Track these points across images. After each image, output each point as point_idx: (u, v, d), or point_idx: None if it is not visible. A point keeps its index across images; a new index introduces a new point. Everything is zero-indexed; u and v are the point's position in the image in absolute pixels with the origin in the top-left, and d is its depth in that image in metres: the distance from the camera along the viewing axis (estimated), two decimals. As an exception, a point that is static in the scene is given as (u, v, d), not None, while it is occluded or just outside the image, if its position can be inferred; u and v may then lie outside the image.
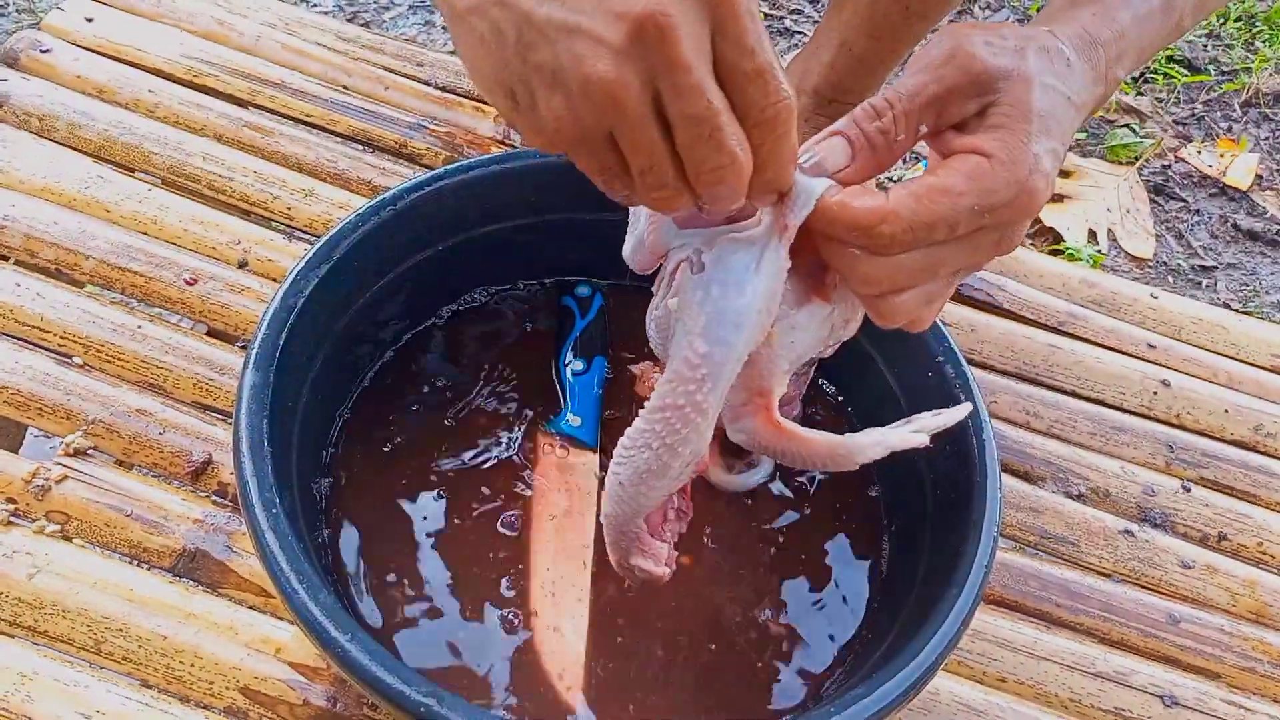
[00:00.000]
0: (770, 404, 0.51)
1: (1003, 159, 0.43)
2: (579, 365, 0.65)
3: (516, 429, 0.63)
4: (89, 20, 0.84)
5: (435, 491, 0.60)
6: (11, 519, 0.60)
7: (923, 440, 0.51)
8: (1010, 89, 0.44)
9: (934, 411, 0.53)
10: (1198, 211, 1.50)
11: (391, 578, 0.57)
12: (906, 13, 0.81)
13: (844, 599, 0.60)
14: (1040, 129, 0.44)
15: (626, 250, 0.56)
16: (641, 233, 0.54)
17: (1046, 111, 0.45)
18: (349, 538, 0.58)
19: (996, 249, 0.45)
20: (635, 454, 0.48)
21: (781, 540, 0.62)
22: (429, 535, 0.59)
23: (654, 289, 0.56)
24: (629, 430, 0.48)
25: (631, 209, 0.55)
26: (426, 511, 0.59)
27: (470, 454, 0.62)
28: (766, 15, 1.63)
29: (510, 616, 0.56)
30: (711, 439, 0.62)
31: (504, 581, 0.57)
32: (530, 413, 0.64)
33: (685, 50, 0.38)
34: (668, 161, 0.41)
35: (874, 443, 0.51)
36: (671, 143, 0.40)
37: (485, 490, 0.60)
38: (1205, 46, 1.72)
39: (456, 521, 0.59)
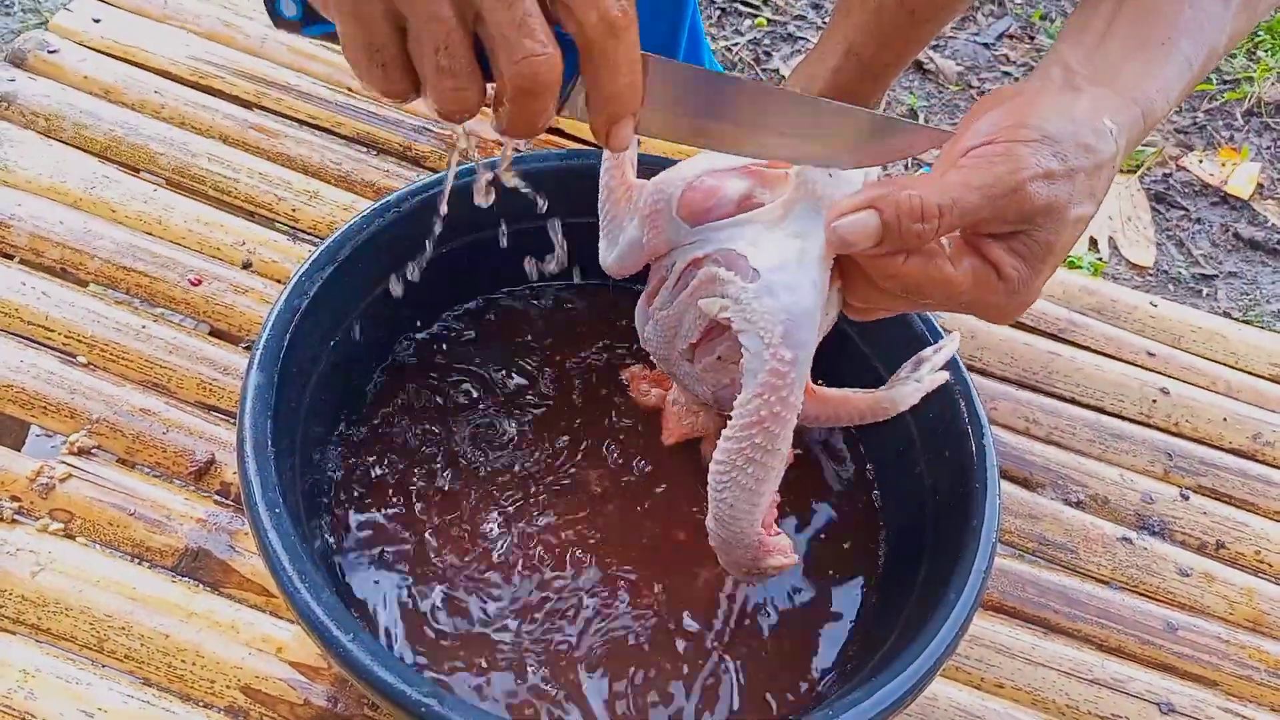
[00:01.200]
0: (807, 378, 0.52)
1: (1012, 285, 0.46)
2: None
3: (518, 427, 0.63)
4: (96, 21, 0.85)
5: (438, 491, 0.60)
6: (15, 517, 0.60)
7: (945, 375, 0.56)
8: (1046, 224, 0.46)
9: (932, 348, 0.57)
10: (1199, 220, 1.50)
11: (394, 577, 0.57)
12: (913, 18, 0.81)
13: (843, 603, 0.60)
14: (1054, 264, 0.47)
15: (610, 257, 0.57)
16: (635, 236, 0.54)
17: (1066, 244, 0.47)
18: (352, 535, 0.58)
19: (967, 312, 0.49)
20: (739, 472, 0.49)
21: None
22: (432, 534, 0.59)
23: (648, 288, 0.57)
24: (723, 450, 0.49)
25: (603, 213, 0.57)
26: (430, 511, 0.60)
27: (472, 453, 0.62)
28: (769, 21, 1.63)
29: (514, 615, 0.56)
30: (703, 427, 0.63)
31: (507, 580, 0.58)
32: (532, 411, 0.64)
33: None
34: (464, 44, 0.37)
35: (912, 390, 0.55)
36: (469, 31, 0.37)
37: (488, 489, 0.61)
38: (1207, 55, 1.73)
39: (459, 519, 0.59)
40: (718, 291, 0.50)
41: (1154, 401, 0.81)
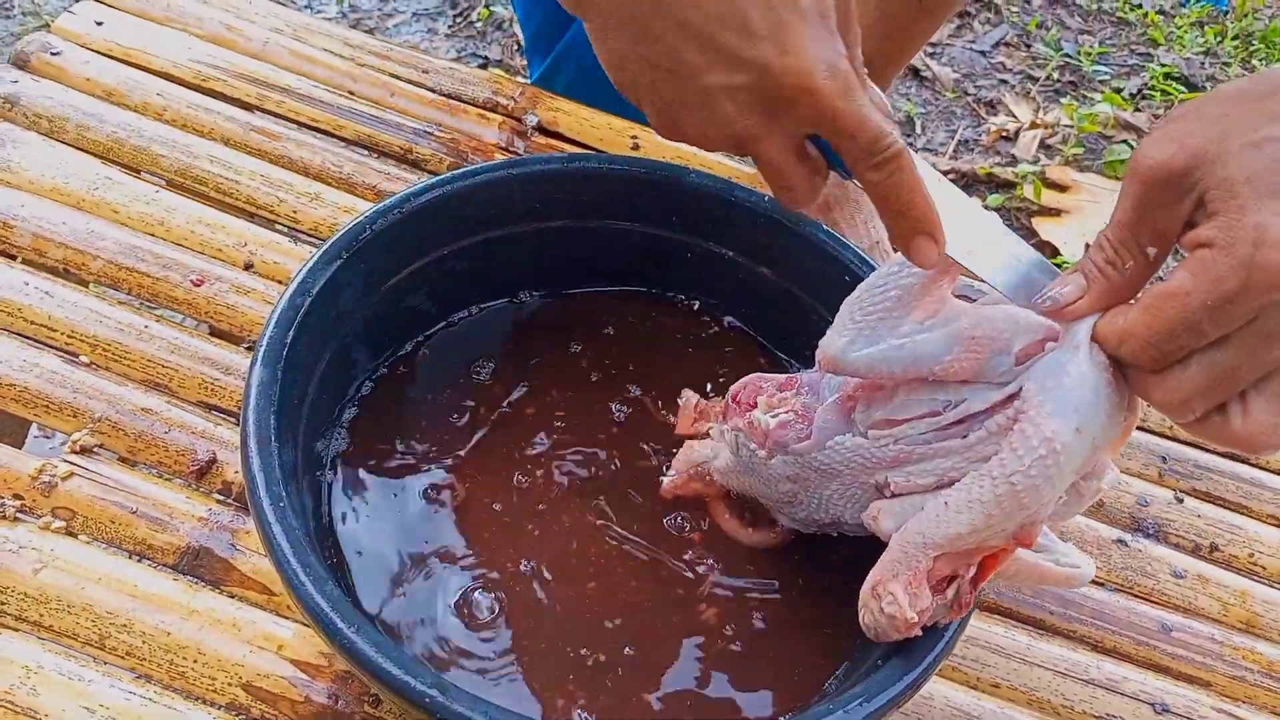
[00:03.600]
0: (1031, 538, 0.50)
1: (1221, 243, 0.40)
2: None
3: (520, 425, 0.64)
4: (99, 24, 0.85)
5: (441, 488, 0.61)
6: (18, 515, 0.61)
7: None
8: (1209, 170, 0.41)
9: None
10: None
11: (397, 572, 0.57)
12: (918, 8, 0.82)
13: (843, 601, 0.60)
14: (1256, 194, 0.40)
15: (855, 352, 0.50)
16: (932, 351, 0.49)
17: (1260, 171, 0.40)
18: (354, 533, 0.59)
19: None
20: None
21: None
22: (433, 532, 0.59)
23: (850, 397, 0.53)
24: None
25: (874, 304, 0.51)
26: (432, 508, 0.60)
27: (472, 452, 0.63)
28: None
29: (515, 612, 0.57)
30: (723, 494, 0.61)
31: (509, 577, 0.58)
32: (533, 410, 0.65)
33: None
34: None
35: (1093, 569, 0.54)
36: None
37: (490, 487, 0.61)
38: (1203, 64, 1.74)
39: (461, 518, 0.60)
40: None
41: (1148, 406, 0.81)
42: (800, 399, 0.55)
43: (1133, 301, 0.45)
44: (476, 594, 0.57)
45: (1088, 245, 1.45)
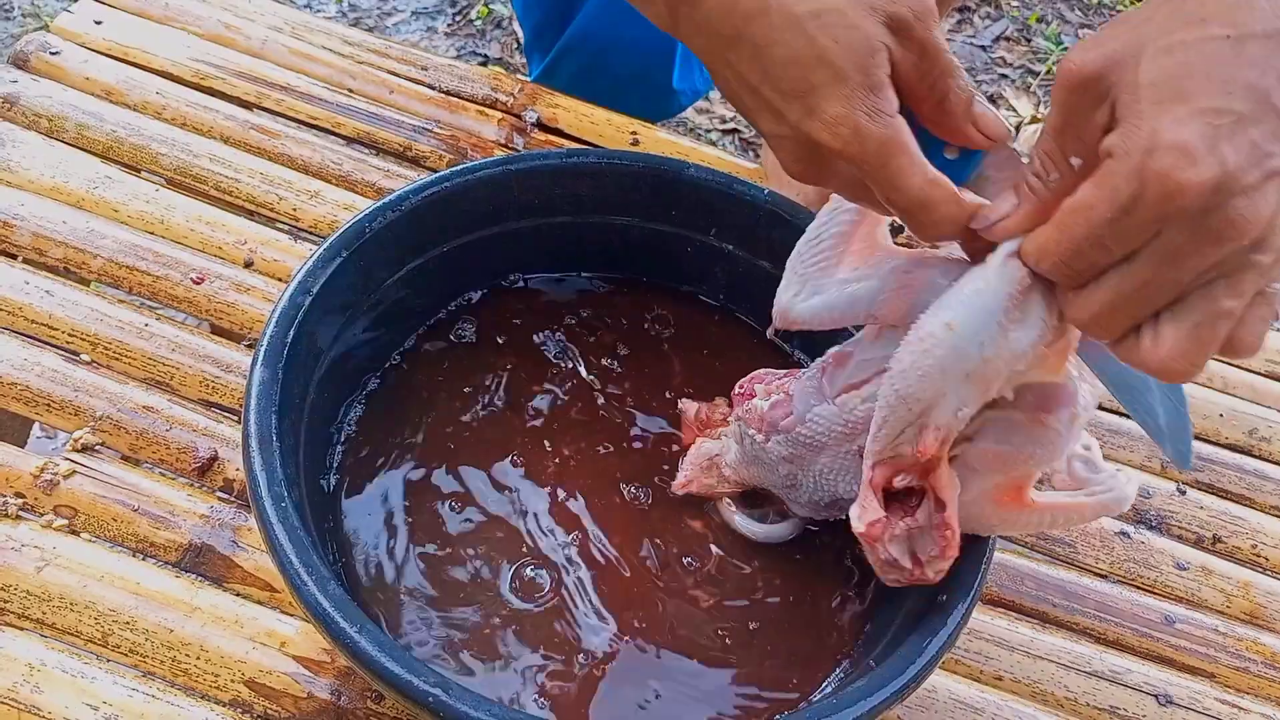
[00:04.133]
0: (1026, 486, 0.51)
1: (1119, 151, 0.39)
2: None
3: (521, 426, 0.64)
4: (98, 23, 0.85)
5: (443, 485, 0.61)
6: (20, 513, 0.61)
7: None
8: (1121, 75, 0.39)
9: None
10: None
11: (398, 571, 0.58)
12: None
13: (846, 595, 0.60)
14: (1156, 100, 0.38)
15: (802, 304, 0.54)
16: (865, 292, 0.51)
17: (1164, 77, 0.38)
18: (355, 531, 0.59)
19: (1198, 257, 0.39)
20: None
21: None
22: (433, 531, 0.59)
23: (832, 364, 0.54)
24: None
25: (811, 254, 0.54)
26: (436, 505, 0.60)
27: (471, 452, 0.63)
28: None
29: (516, 608, 0.57)
30: (731, 490, 0.61)
31: (510, 574, 0.58)
32: (534, 409, 0.65)
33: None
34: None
35: (1124, 485, 0.53)
36: None
37: (490, 486, 0.61)
38: (1202, 57, 1.73)
39: (461, 516, 0.60)
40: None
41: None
42: (793, 382, 0.56)
43: None
44: (477, 594, 0.57)
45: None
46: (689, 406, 0.64)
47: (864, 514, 0.51)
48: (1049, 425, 0.50)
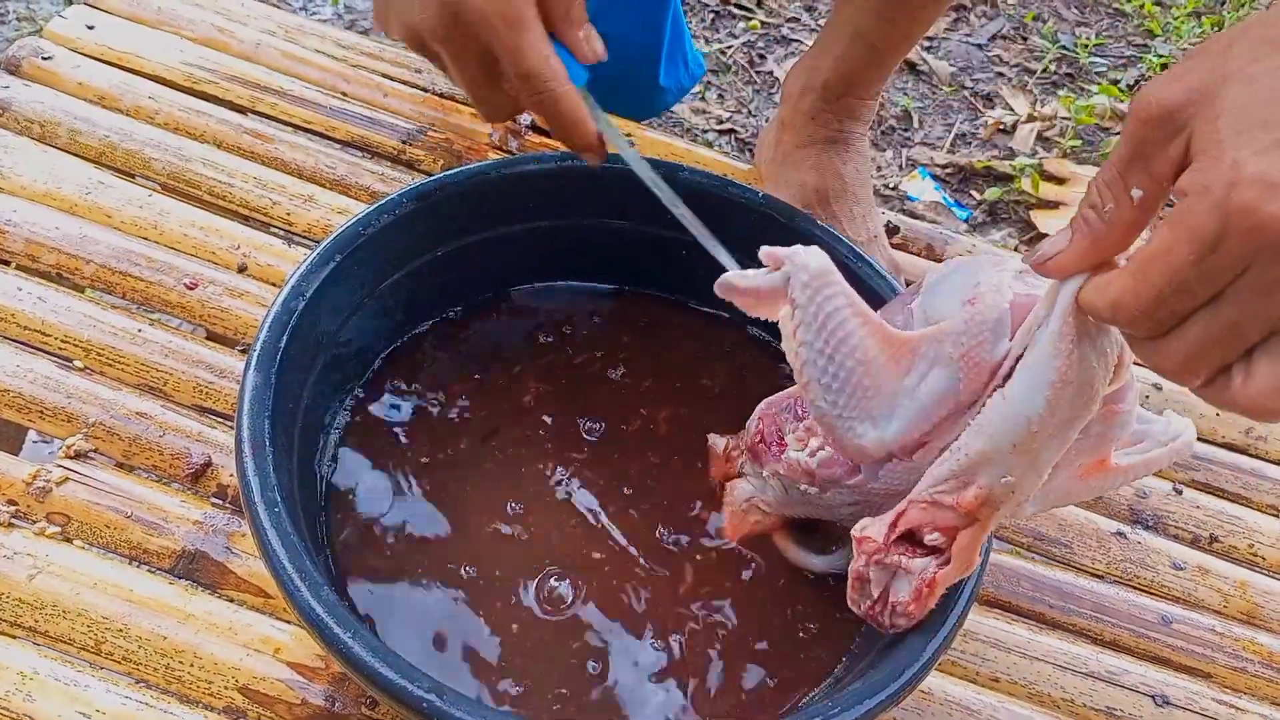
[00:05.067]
0: (1108, 458, 0.51)
1: (1197, 188, 0.36)
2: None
3: (521, 426, 0.64)
4: (90, 28, 0.85)
5: (437, 489, 0.61)
6: (12, 520, 0.61)
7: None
8: (1201, 108, 0.37)
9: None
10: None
11: (393, 575, 0.57)
12: None
13: (843, 597, 0.60)
14: (1235, 130, 0.36)
15: (891, 431, 0.50)
16: (944, 388, 0.48)
17: (1246, 106, 0.36)
18: (349, 536, 0.58)
19: None
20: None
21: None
22: (431, 532, 0.59)
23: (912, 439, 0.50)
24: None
25: (850, 390, 0.49)
26: (430, 510, 0.60)
27: (470, 450, 0.62)
28: (763, 24, 1.64)
29: (514, 607, 0.57)
30: (782, 524, 0.60)
31: (508, 574, 0.58)
32: (531, 409, 0.65)
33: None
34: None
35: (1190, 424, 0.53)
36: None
37: (487, 486, 0.61)
38: (1198, 55, 1.73)
39: (457, 519, 0.60)
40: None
41: (1147, 397, 0.81)
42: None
43: (1122, 261, 0.42)
44: (478, 593, 0.57)
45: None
46: (717, 441, 0.62)
47: (871, 527, 0.51)
48: (1120, 410, 0.49)
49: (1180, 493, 0.76)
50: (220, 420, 0.67)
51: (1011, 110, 1.63)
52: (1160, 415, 0.54)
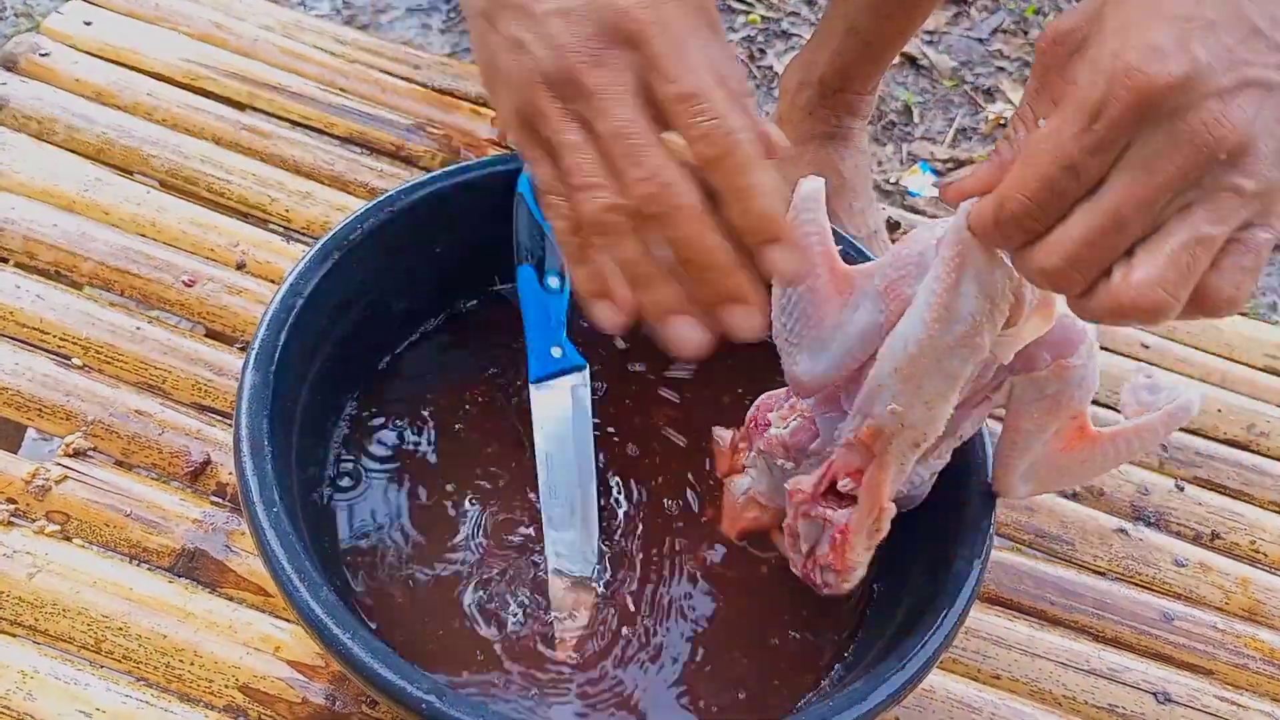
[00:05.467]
0: (1084, 421, 0.50)
1: (1084, 64, 0.37)
2: (555, 282, 0.62)
3: (520, 424, 0.64)
4: (88, 24, 0.85)
5: (438, 488, 0.60)
6: (12, 519, 0.60)
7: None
8: (1091, 26, 0.38)
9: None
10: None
11: (392, 575, 0.57)
12: None
13: (840, 598, 0.60)
14: (1121, 24, 0.36)
15: (821, 365, 0.51)
16: (869, 321, 0.49)
17: (1130, 8, 0.37)
18: (349, 535, 0.58)
19: (1171, 169, 0.36)
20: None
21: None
22: (430, 533, 0.59)
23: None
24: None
25: (794, 320, 0.51)
26: (430, 509, 0.60)
27: (469, 451, 0.62)
28: (763, 18, 1.63)
29: (512, 606, 0.57)
30: (778, 519, 0.59)
31: (507, 573, 0.58)
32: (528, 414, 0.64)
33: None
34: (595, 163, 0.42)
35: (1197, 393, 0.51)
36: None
37: (487, 484, 0.61)
38: (1199, 48, 1.73)
39: (461, 518, 0.60)
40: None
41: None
42: (806, 403, 0.55)
43: None
44: (477, 594, 0.57)
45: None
46: (723, 435, 0.62)
47: (804, 480, 0.51)
48: (1071, 365, 0.49)
49: (1182, 489, 0.76)
50: (219, 418, 0.67)
51: (1012, 104, 1.63)
52: (1175, 381, 0.53)
